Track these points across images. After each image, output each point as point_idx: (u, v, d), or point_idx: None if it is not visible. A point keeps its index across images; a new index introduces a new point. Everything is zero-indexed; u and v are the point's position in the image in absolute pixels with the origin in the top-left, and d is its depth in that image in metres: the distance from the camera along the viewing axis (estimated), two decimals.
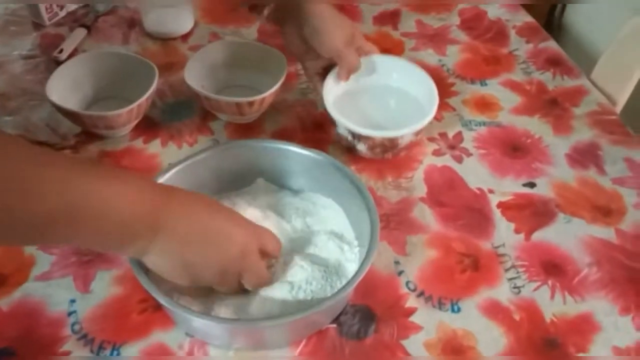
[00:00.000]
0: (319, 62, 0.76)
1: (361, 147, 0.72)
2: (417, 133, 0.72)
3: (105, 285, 0.62)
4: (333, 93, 0.76)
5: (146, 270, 0.55)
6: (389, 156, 0.74)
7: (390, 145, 0.72)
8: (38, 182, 0.42)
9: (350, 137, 0.72)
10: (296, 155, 0.66)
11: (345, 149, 0.76)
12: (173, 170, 0.63)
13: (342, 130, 0.72)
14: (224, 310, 0.57)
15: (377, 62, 0.79)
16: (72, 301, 0.60)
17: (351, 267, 0.60)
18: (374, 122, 0.76)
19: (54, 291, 0.61)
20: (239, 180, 0.68)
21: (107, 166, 0.68)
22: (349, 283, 0.55)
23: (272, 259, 0.59)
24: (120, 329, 0.59)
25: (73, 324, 0.59)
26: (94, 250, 0.64)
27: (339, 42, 0.72)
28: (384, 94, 0.80)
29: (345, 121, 0.70)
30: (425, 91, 0.76)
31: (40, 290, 0.61)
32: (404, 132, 0.70)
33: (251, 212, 0.62)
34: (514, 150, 0.77)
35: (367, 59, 0.77)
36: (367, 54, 0.77)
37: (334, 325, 0.59)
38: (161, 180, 0.61)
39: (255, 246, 0.55)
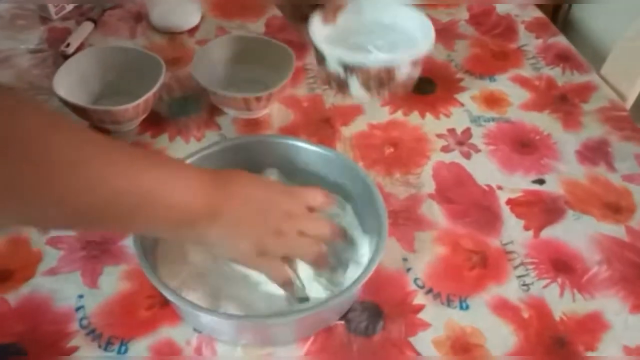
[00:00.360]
0: (303, 6, 0.73)
1: (354, 84, 0.69)
2: (415, 63, 0.69)
3: (113, 281, 0.62)
4: (320, 34, 0.73)
5: (154, 266, 0.55)
6: (385, 95, 0.71)
7: (387, 77, 0.68)
8: (105, 168, 0.44)
9: (342, 73, 0.68)
10: (304, 150, 0.66)
11: (337, 88, 0.73)
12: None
13: (332, 66, 0.68)
14: (231, 306, 0.56)
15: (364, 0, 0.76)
16: (80, 296, 0.60)
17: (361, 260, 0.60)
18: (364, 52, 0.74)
19: (62, 286, 0.61)
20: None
21: (158, 154, 0.71)
22: (357, 280, 0.54)
23: (327, 208, 0.59)
24: (128, 324, 0.58)
25: (81, 319, 0.59)
26: (101, 245, 0.64)
27: None
28: (375, 31, 0.77)
29: (338, 51, 0.67)
30: (419, 25, 0.75)
31: (47, 286, 0.61)
32: (401, 58, 0.68)
33: None
34: (523, 146, 0.77)
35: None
36: None
37: (342, 322, 0.59)
38: None
39: (300, 205, 0.57)
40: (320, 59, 0.68)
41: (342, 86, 0.70)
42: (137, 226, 0.51)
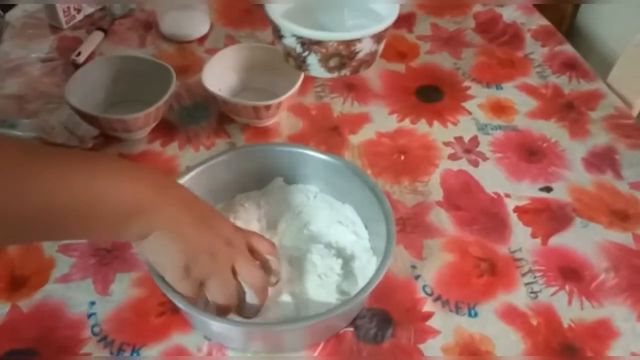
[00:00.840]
0: None
1: (313, 61, 0.65)
2: (377, 39, 0.65)
3: (124, 288, 0.62)
4: (278, 8, 0.68)
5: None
6: (346, 72, 0.67)
7: (347, 54, 0.64)
8: (30, 180, 0.43)
9: (299, 48, 0.64)
10: (313, 159, 0.66)
11: (296, 65, 0.69)
12: (192, 173, 0.63)
13: (289, 41, 0.64)
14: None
15: None
16: (92, 303, 0.61)
17: (367, 266, 0.61)
18: (329, 28, 0.70)
19: (74, 293, 0.62)
20: (256, 183, 0.68)
21: (98, 154, 0.68)
22: (365, 287, 0.55)
23: (267, 256, 0.58)
24: (139, 331, 0.59)
25: (93, 326, 0.59)
26: (113, 253, 0.65)
27: None
28: (338, 5, 0.73)
29: (293, 26, 0.63)
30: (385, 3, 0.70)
31: (60, 292, 0.62)
32: (361, 35, 0.63)
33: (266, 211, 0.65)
34: (530, 154, 0.77)
35: None
36: None
37: (351, 329, 0.59)
38: (181, 181, 0.62)
39: (243, 241, 0.56)
40: (277, 33, 0.64)
41: (300, 63, 0.65)
42: (74, 233, 0.51)
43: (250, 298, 0.56)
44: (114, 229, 0.49)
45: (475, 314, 0.61)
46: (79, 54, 0.88)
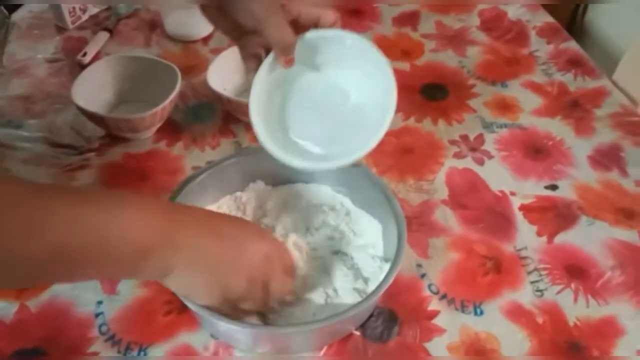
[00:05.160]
0: (250, 41, 0.60)
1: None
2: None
3: (131, 287, 0.63)
4: (265, 84, 0.60)
5: None
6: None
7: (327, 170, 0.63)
8: (38, 221, 0.41)
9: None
10: None
11: None
12: (202, 176, 0.64)
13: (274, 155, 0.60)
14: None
15: (327, 44, 0.59)
16: (99, 302, 0.61)
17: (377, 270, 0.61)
18: (300, 134, 0.63)
19: (81, 293, 0.62)
20: (267, 184, 0.69)
21: (106, 192, 0.63)
22: (376, 290, 0.55)
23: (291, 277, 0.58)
24: (146, 330, 0.59)
25: (100, 325, 0.60)
26: None
27: (258, 5, 0.54)
28: (324, 96, 0.62)
29: (272, 147, 0.59)
30: (380, 100, 0.58)
31: (68, 292, 0.62)
32: (328, 166, 0.60)
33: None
34: (535, 152, 0.77)
35: (310, 39, 0.58)
36: (317, 25, 0.58)
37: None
38: (192, 183, 0.62)
39: (278, 256, 0.55)
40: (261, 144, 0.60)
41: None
42: (90, 274, 0.50)
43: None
44: (132, 268, 0.47)
45: (481, 313, 0.61)
46: (84, 54, 0.89)
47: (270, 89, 0.61)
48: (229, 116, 0.80)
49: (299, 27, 0.57)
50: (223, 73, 0.80)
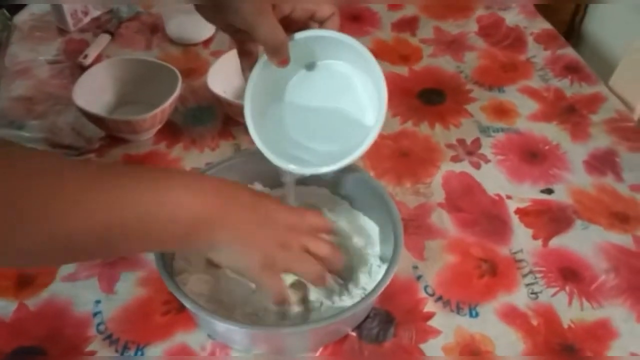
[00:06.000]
0: (244, 40, 0.61)
1: (288, 178, 0.63)
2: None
3: (129, 287, 0.63)
4: (259, 83, 0.61)
5: (170, 273, 0.56)
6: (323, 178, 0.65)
7: (321, 176, 0.62)
8: (86, 200, 0.43)
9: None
10: None
11: None
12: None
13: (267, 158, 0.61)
14: (244, 314, 0.58)
15: (316, 42, 0.60)
16: (97, 302, 0.62)
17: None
18: (295, 136, 0.64)
19: (80, 292, 0.63)
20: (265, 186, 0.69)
21: (155, 169, 0.65)
22: (373, 291, 0.55)
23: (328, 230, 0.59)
24: (144, 329, 0.60)
25: (98, 324, 0.60)
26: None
27: (248, 5, 0.54)
28: (323, 90, 0.63)
29: (267, 151, 0.61)
30: (372, 97, 0.60)
31: (66, 291, 0.63)
32: (335, 168, 0.60)
33: None
34: (531, 156, 0.78)
35: (301, 40, 0.58)
36: (312, 20, 0.59)
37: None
38: None
39: (304, 221, 0.56)
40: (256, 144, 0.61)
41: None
42: (143, 247, 0.52)
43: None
44: (183, 239, 0.50)
45: (476, 314, 0.61)
46: (85, 56, 0.89)
47: (265, 87, 0.61)
48: (229, 119, 0.81)
49: (293, 22, 0.58)
50: (223, 76, 0.80)
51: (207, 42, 0.95)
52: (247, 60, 0.62)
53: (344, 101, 0.63)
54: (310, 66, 0.63)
